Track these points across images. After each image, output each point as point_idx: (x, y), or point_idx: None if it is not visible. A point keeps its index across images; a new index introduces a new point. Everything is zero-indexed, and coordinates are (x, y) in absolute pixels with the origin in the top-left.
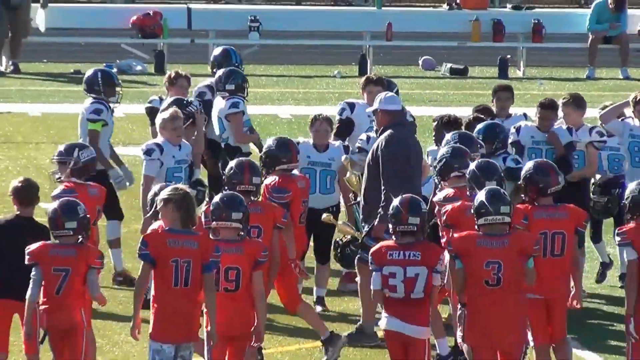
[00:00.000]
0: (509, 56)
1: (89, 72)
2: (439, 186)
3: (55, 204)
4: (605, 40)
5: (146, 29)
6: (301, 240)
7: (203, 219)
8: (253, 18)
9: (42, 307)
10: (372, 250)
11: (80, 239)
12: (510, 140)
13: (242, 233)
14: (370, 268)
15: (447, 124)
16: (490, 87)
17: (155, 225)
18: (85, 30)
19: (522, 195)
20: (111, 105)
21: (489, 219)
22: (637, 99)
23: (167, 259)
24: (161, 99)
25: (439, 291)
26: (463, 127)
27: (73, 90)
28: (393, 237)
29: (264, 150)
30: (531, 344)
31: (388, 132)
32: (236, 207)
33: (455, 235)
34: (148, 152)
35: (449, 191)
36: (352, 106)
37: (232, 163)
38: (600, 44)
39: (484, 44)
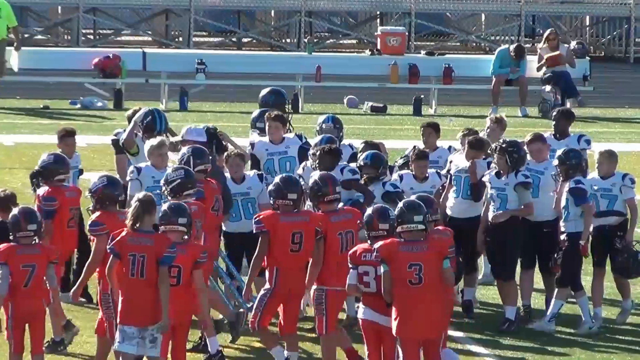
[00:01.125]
0: (422, 96)
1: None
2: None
3: (15, 210)
4: (506, 83)
5: (106, 70)
6: (70, 242)
7: None
8: (200, 61)
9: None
10: (350, 252)
11: (37, 240)
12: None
13: (186, 237)
14: (349, 266)
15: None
16: (406, 123)
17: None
18: (53, 70)
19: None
20: None
21: (407, 227)
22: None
23: (126, 253)
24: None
25: None
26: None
27: (42, 123)
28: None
29: (40, 164)
30: None
31: None
32: (182, 213)
33: (381, 242)
34: (129, 174)
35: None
36: (252, 144)
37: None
38: (502, 86)
39: (401, 85)
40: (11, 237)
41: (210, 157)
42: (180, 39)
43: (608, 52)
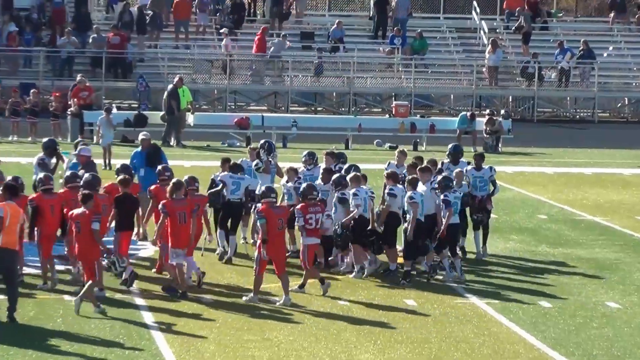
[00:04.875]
0: (418, 140)
1: None
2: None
3: None
4: (465, 133)
5: (241, 125)
6: None
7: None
8: (294, 120)
9: None
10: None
11: None
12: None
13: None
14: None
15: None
16: (409, 154)
17: None
18: (212, 125)
19: None
20: None
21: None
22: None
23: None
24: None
25: None
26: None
27: (206, 155)
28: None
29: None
30: None
31: None
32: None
33: (260, 205)
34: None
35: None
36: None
37: None
38: (462, 134)
39: (406, 135)
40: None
41: None
42: (282, 107)
43: (522, 116)
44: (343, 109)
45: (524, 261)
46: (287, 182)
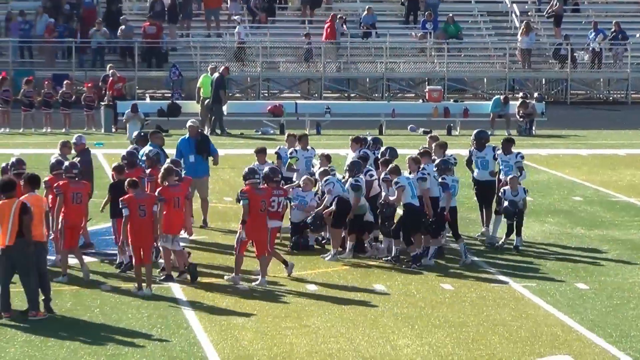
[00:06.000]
0: (452, 124)
1: None
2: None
3: None
4: (498, 117)
5: (275, 113)
6: None
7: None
8: (327, 107)
9: None
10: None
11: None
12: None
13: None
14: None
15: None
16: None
17: None
18: (246, 113)
19: None
20: None
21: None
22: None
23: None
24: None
25: None
26: None
27: (240, 143)
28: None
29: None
30: None
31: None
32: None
33: (244, 188)
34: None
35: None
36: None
37: None
38: (495, 118)
39: (439, 119)
40: None
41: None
42: (316, 94)
43: (555, 98)
44: (376, 94)
45: (560, 243)
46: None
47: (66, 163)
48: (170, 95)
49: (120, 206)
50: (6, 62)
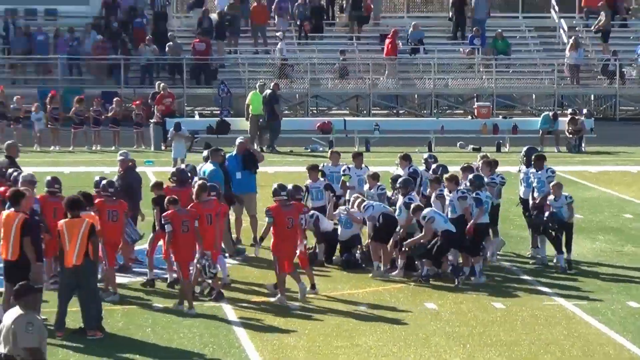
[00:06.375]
0: (501, 141)
1: None
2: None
3: None
4: (547, 133)
5: (324, 130)
6: None
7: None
8: (376, 124)
9: None
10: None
11: None
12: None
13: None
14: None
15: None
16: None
17: None
18: (295, 130)
19: None
20: None
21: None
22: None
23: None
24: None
25: None
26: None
27: (289, 160)
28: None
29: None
30: None
31: None
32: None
33: (271, 206)
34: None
35: None
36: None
37: None
38: (545, 135)
39: (488, 136)
40: None
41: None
42: (364, 111)
43: (604, 114)
44: (425, 111)
45: (611, 261)
46: (370, 189)
47: (103, 181)
48: (219, 112)
49: (163, 222)
50: (55, 80)
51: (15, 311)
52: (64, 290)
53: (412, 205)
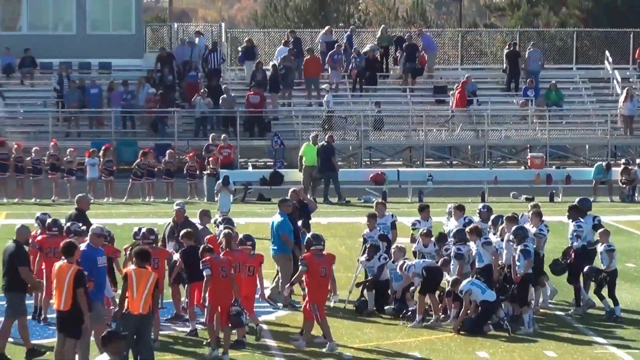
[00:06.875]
0: (554, 191)
1: None
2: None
3: None
4: (601, 183)
5: (378, 181)
6: None
7: None
8: (429, 174)
9: None
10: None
11: None
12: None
13: None
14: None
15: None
16: (544, 207)
17: None
18: (350, 181)
19: None
20: None
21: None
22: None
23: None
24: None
25: None
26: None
27: (352, 211)
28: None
29: None
30: None
31: None
32: None
33: (305, 255)
34: None
35: None
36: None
37: None
38: (598, 185)
39: (541, 186)
40: None
41: None
42: (418, 162)
43: None
44: (478, 161)
45: None
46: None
47: (143, 229)
48: (272, 163)
49: (202, 267)
50: (108, 132)
51: (103, 357)
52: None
53: (442, 260)
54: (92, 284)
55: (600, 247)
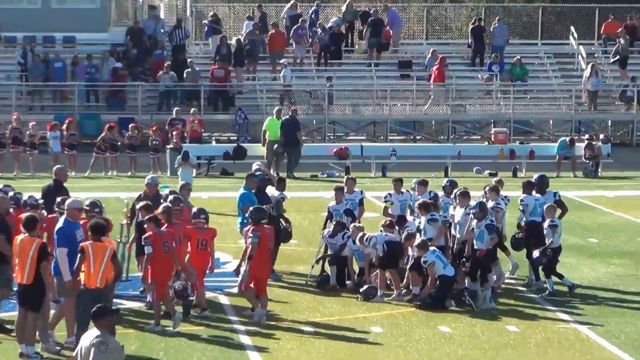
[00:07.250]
0: (517, 166)
1: None
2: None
3: None
4: (564, 159)
5: (340, 155)
6: None
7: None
8: (392, 149)
9: None
10: None
11: None
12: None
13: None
14: None
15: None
16: (509, 181)
17: None
18: (313, 156)
19: None
20: None
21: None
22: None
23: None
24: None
25: None
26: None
27: (315, 186)
28: None
29: None
30: None
31: None
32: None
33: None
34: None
35: None
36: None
37: None
38: (562, 160)
39: (505, 161)
40: None
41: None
42: (382, 137)
43: (622, 140)
44: (442, 137)
45: (626, 285)
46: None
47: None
48: (236, 138)
49: (143, 243)
50: (71, 106)
51: (92, 332)
52: (85, 312)
53: (405, 233)
54: (52, 258)
55: (545, 223)
